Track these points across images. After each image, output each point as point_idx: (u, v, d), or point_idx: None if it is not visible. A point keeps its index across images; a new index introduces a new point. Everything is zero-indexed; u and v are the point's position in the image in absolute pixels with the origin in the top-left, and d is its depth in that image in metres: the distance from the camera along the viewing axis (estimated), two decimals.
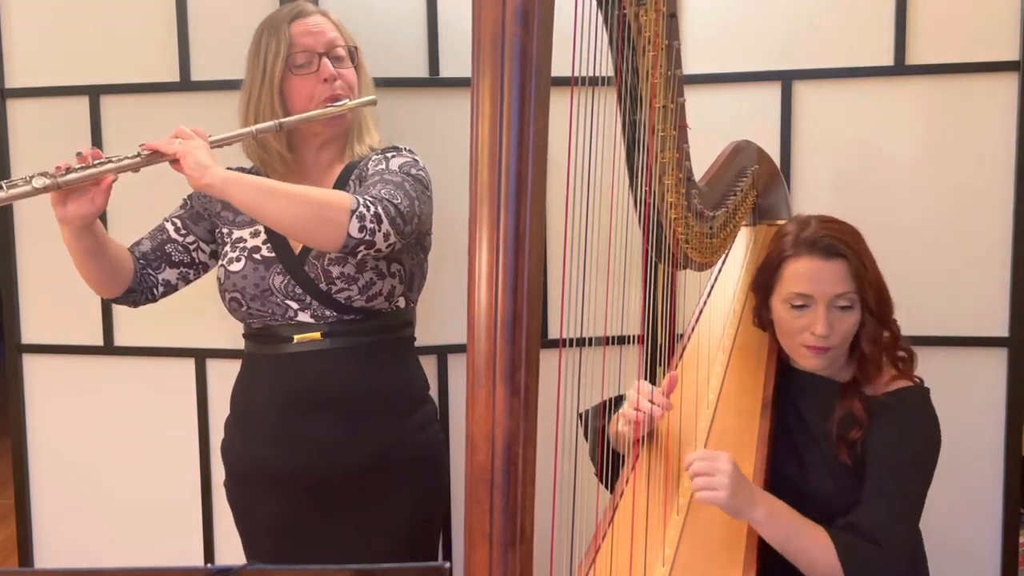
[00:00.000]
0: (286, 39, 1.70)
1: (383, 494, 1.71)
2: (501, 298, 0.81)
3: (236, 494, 1.81)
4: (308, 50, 1.71)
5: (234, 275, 1.72)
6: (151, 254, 1.78)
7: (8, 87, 2.39)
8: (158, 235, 1.81)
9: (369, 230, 1.55)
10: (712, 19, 2.30)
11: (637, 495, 1.50)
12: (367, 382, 1.71)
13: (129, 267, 1.74)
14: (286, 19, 1.73)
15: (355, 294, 1.67)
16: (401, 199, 1.62)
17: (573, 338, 1.34)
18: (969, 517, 2.29)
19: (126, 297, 1.76)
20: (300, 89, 1.71)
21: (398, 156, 1.73)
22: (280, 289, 1.69)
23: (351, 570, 0.88)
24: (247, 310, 1.73)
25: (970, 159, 2.23)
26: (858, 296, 1.56)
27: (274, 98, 1.71)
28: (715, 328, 1.85)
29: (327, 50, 1.72)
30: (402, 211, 1.61)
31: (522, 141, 0.80)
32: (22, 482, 2.49)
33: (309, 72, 1.70)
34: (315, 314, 1.69)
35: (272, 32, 1.72)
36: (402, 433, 1.73)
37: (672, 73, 1.46)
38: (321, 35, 1.72)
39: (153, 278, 1.78)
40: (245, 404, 1.79)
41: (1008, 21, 2.18)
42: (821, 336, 1.55)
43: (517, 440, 0.82)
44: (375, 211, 1.56)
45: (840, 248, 1.55)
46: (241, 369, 1.83)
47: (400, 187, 1.64)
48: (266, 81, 1.71)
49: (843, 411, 1.57)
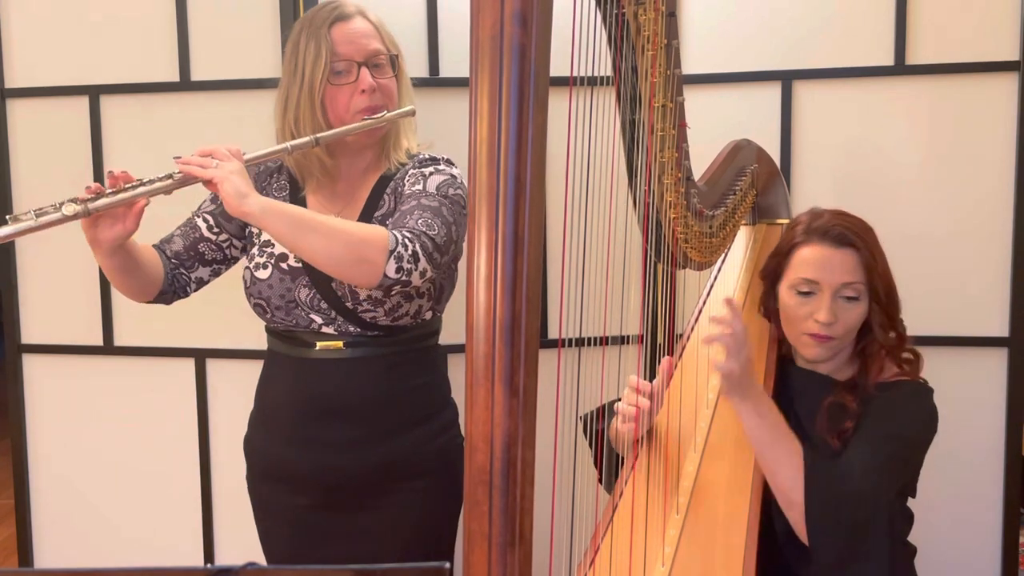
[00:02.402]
0: (327, 45, 1.63)
1: (397, 498, 1.71)
2: (500, 298, 0.81)
3: (256, 489, 1.81)
4: (348, 59, 1.64)
5: (260, 283, 1.69)
6: (184, 254, 1.75)
7: (8, 87, 2.39)
8: (190, 233, 1.76)
9: (406, 271, 1.52)
10: (712, 18, 2.30)
11: (637, 495, 1.50)
12: (386, 391, 1.69)
13: (160, 271, 1.71)
14: (327, 22, 1.65)
15: (381, 315, 1.66)
16: (438, 229, 1.58)
17: (572, 338, 1.34)
18: (969, 517, 2.29)
19: (159, 298, 1.74)
20: (337, 98, 1.65)
21: (436, 174, 1.68)
22: (305, 302, 1.67)
23: (351, 570, 0.87)
24: (271, 316, 1.71)
25: (970, 159, 2.23)
26: (866, 288, 1.55)
27: (315, 107, 1.64)
28: (715, 327, 1.85)
29: (367, 59, 1.65)
30: (439, 244, 1.57)
31: (521, 141, 0.80)
32: (22, 482, 2.49)
33: (347, 82, 1.64)
34: (339, 328, 1.67)
35: (312, 35, 1.64)
36: (418, 439, 1.72)
37: (671, 72, 1.46)
38: (363, 43, 1.65)
39: (186, 277, 1.75)
40: (265, 402, 1.78)
41: (1008, 21, 2.18)
42: (824, 324, 1.54)
43: (516, 441, 0.82)
44: (413, 249, 1.53)
45: (851, 238, 1.55)
46: (264, 366, 1.80)
47: (438, 214, 1.60)
48: (305, 88, 1.64)
49: (834, 400, 1.57)
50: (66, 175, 2.37)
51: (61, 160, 2.38)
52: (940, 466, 1.56)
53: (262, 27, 2.28)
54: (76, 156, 2.37)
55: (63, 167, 2.38)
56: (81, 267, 2.40)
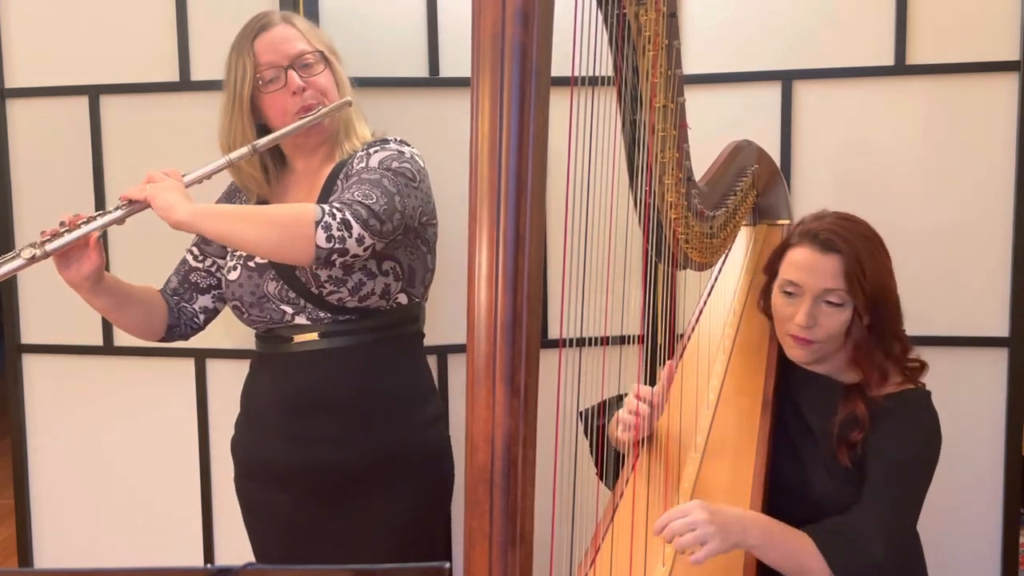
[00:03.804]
0: (251, 58, 1.69)
1: (385, 492, 1.71)
2: (501, 298, 0.81)
3: (244, 490, 1.82)
4: (274, 65, 1.69)
5: (232, 284, 1.73)
6: (179, 288, 1.82)
7: (8, 87, 2.39)
8: (181, 268, 1.84)
9: (338, 238, 1.53)
10: (712, 19, 2.30)
11: (637, 495, 1.50)
12: (367, 381, 1.71)
13: (162, 307, 1.78)
14: (249, 37, 1.71)
15: (346, 295, 1.67)
16: (377, 198, 1.59)
17: (573, 338, 1.34)
18: (969, 517, 2.29)
19: (171, 334, 1.81)
20: (273, 105, 1.70)
21: (381, 151, 1.70)
22: (275, 295, 1.70)
23: (351, 570, 0.87)
24: (248, 316, 1.74)
25: (970, 159, 2.23)
26: (850, 296, 1.53)
27: (245, 121, 1.70)
28: (715, 328, 1.85)
29: (292, 61, 1.70)
30: (375, 211, 1.58)
31: (522, 141, 0.80)
32: (22, 482, 2.49)
33: (278, 87, 1.69)
34: (310, 316, 1.69)
35: (239, 52, 1.71)
36: (402, 432, 1.73)
37: (672, 73, 1.46)
38: (284, 47, 1.70)
39: (190, 308, 1.82)
40: (251, 402, 1.81)
41: (1008, 21, 2.18)
42: (802, 327, 1.54)
43: (517, 440, 0.82)
44: (342, 217, 1.54)
45: (837, 244, 1.53)
46: (250, 368, 1.84)
47: (377, 184, 1.62)
48: (236, 103, 1.70)
49: (846, 412, 1.56)
50: (66, 175, 2.37)
51: (61, 160, 2.38)
52: (940, 466, 1.56)
53: None
54: (76, 156, 2.37)
55: (63, 167, 2.38)
56: None
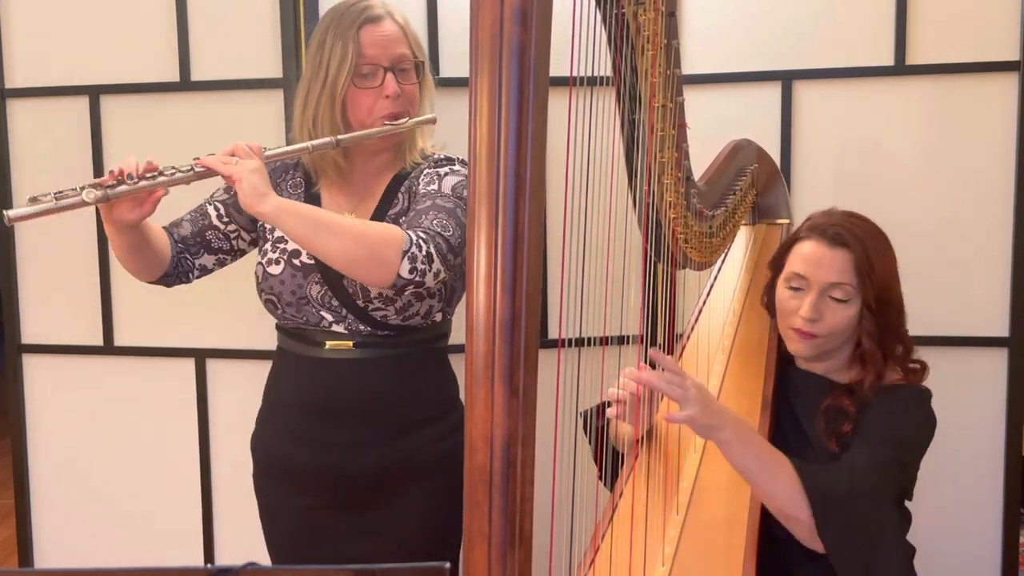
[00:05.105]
0: (354, 47, 1.61)
1: (400, 500, 1.70)
2: (500, 298, 0.81)
3: (262, 487, 1.80)
4: (375, 63, 1.62)
5: (272, 278, 1.69)
6: (191, 239, 1.73)
7: (8, 87, 2.39)
8: (199, 220, 1.74)
9: (420, 271, 1.51)
10: (712, 18, 2.30)
11: (637, 495, 1.50)
12: (392, 391, 1.69)
13: (167, 253, 1.69)
14: (355, 23, 1.62)
15: (391, 314, 1.65)
16: (453, 230, 1.57)
17: (572, 338, 1.34)
18: (969, 517, 2.29)
19: (161, 280, 1.73)
20: (360, 101, 1.64)
21: (452, 175, 1.67)
22: (316, 299, 1.66)
23: (351, 570, 0.87)
24: (282, 313, 1.70)
25: (970, 159, 2.23)
26: (857, 291, 1.54)
27: (335, 110, 1.63)
28: (715, 328, 1.85)
29: (393, 64, 1.64)
30: (453, 245, 1.56)
31: (520, 141, 0.80)
32: (22, 482, 2.49)
33: (372, 85, 1.63)
34: (349, 327, 1.66)
35: (339, 35, 1.62)
36: (422, 441, 1.71)
37: (671, 72, 1.46)
38: (391, 47, 1.64)
39: (190, 263, 1.74)
40: (273, 399, 1.78)
41: (1008, 21, 2.17)
42: (806, 320, 1.54)
43: (516, 441, 0.82)
44: (427, 250, 1.52)
45: (847, 239, 1.54)
46: (273, 363, 1.80)
47: (452, 215, 1.59)
48: (326, 89, 1.63)
49: (831, 403, 1.56)
50: (66, 175, 2.37)
51: (61, 160, 2.38)
52: (940, 466, 1.56)
53: (262, 27, 2.28)
54: (76, 156, 2.37)
55: (63, 167, 2.38)
56: (81, 267, 2.40)
